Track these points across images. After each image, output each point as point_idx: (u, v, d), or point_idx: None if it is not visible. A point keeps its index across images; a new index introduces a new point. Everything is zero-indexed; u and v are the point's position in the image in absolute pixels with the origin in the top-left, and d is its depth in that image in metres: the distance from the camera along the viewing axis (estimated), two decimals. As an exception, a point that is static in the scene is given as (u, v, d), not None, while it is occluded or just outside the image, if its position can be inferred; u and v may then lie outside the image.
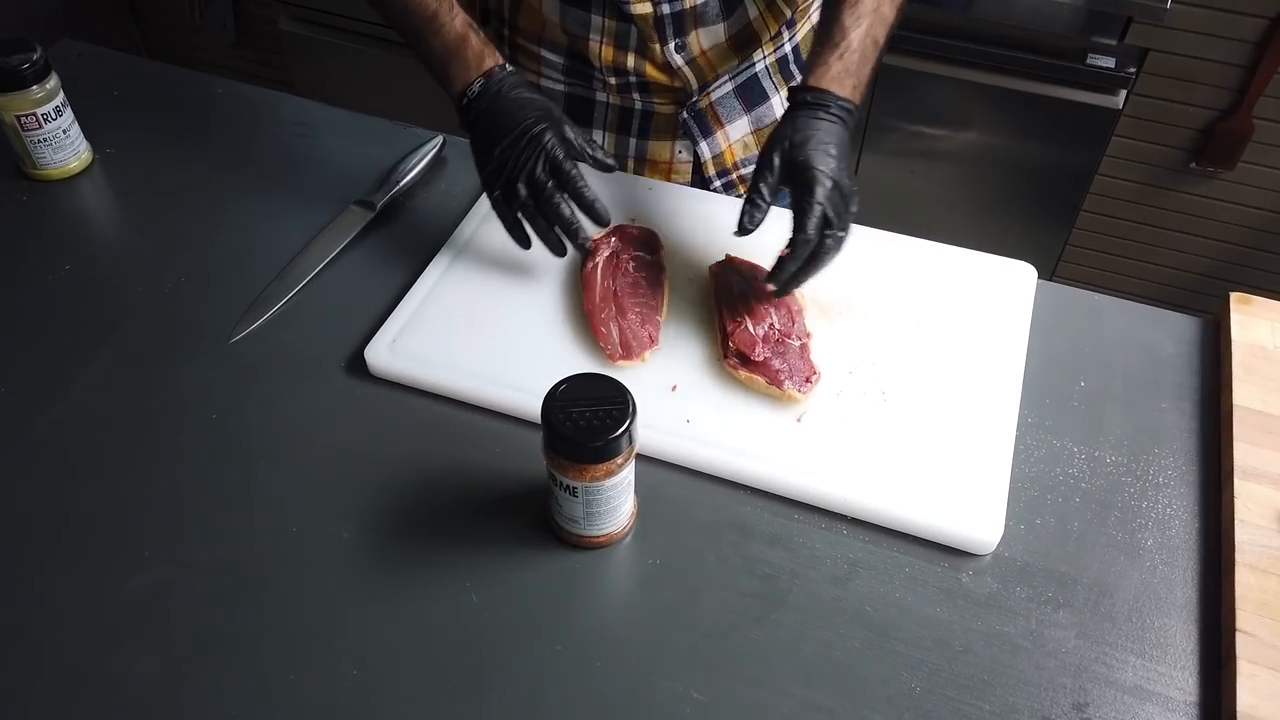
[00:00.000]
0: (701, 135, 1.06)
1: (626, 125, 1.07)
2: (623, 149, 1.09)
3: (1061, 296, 0.94)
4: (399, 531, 0.75)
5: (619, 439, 0.67)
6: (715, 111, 1.05)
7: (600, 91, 1.05)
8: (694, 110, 1.04)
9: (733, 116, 1.06)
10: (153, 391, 0.84)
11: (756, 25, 1.00)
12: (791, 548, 0.75)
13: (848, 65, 0.85)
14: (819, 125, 0.82)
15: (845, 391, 0.83)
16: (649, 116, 1.06)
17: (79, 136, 1.03)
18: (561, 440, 0.67)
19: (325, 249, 0.95)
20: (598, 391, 0.69)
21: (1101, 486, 0.79)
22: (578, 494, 0.70)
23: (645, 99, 1.04)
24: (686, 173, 1.10)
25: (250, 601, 0.71)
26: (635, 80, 1.02)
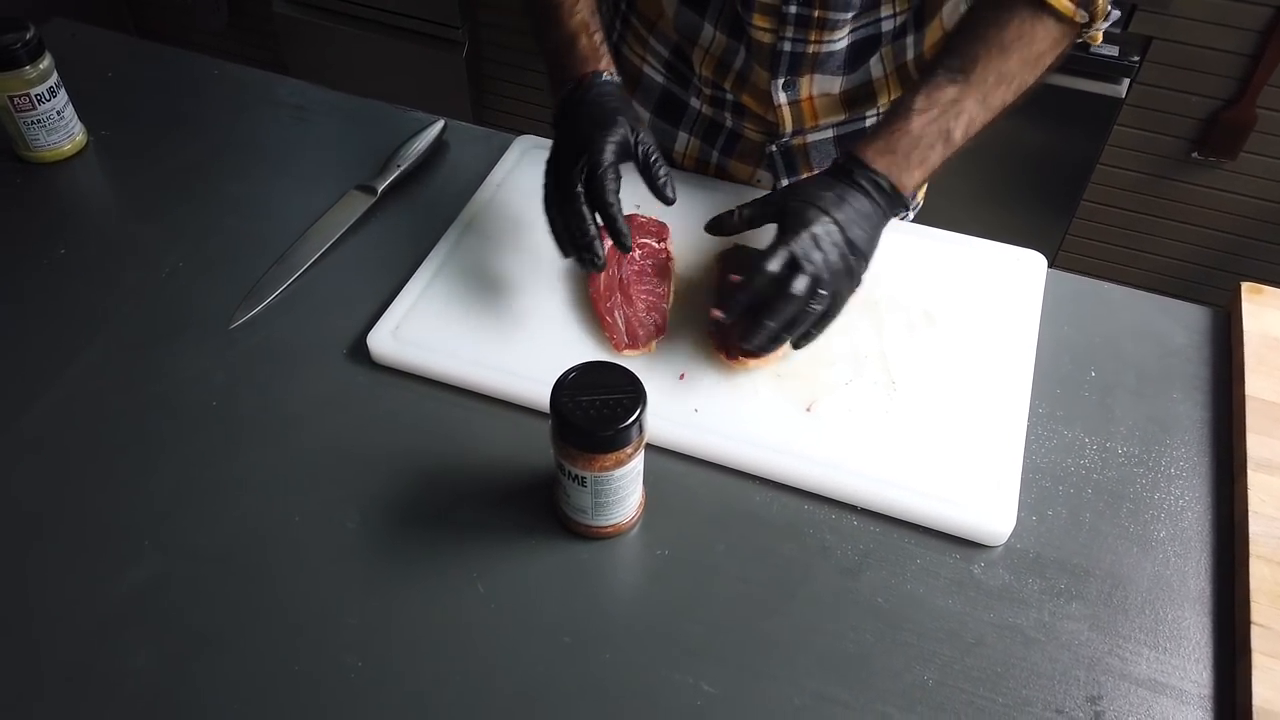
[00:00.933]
0: (786, 173, 1.02)
1: (712, 138, 1.03)
2: (704, 157, 1.05)
3: (1071, 286, 0.93)
4: (403, 521, 0.74)
5: (629, 428, 0.66)
6: (808, 155, 1.01)
7: (695, 97, 1.01)
8: (784, 146, 1.00)
9: (826, 162, 1.00)
10: (150, 378, 0.83)
11: (877, 86, 0.95)
12: (802, 539, 0.74)
13: (893, 144, 0.79)
14: (835, 186, 0.78)
15: (854, 381, 0.82)
16: (736, 138, 1.01)
17: (73, 118, 1.02)
18: (571, 429, 0.66)
19: (326, 234, 0.94)
20: (607, 380, 0.67)
21: (1113, 478, 0.78)
22: (586, 484, 0.69)
23: (736, 120, 1.00)
24: None
25: (252, 593, 0.70)
26: (731, 99, 0.98)
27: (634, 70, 1.05)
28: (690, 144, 1.05)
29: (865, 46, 0.92)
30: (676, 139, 1.05)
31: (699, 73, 0.98)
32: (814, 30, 0.89)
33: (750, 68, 0.94)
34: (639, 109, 0.82)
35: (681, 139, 1.05)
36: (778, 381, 0.82)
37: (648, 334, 0.83)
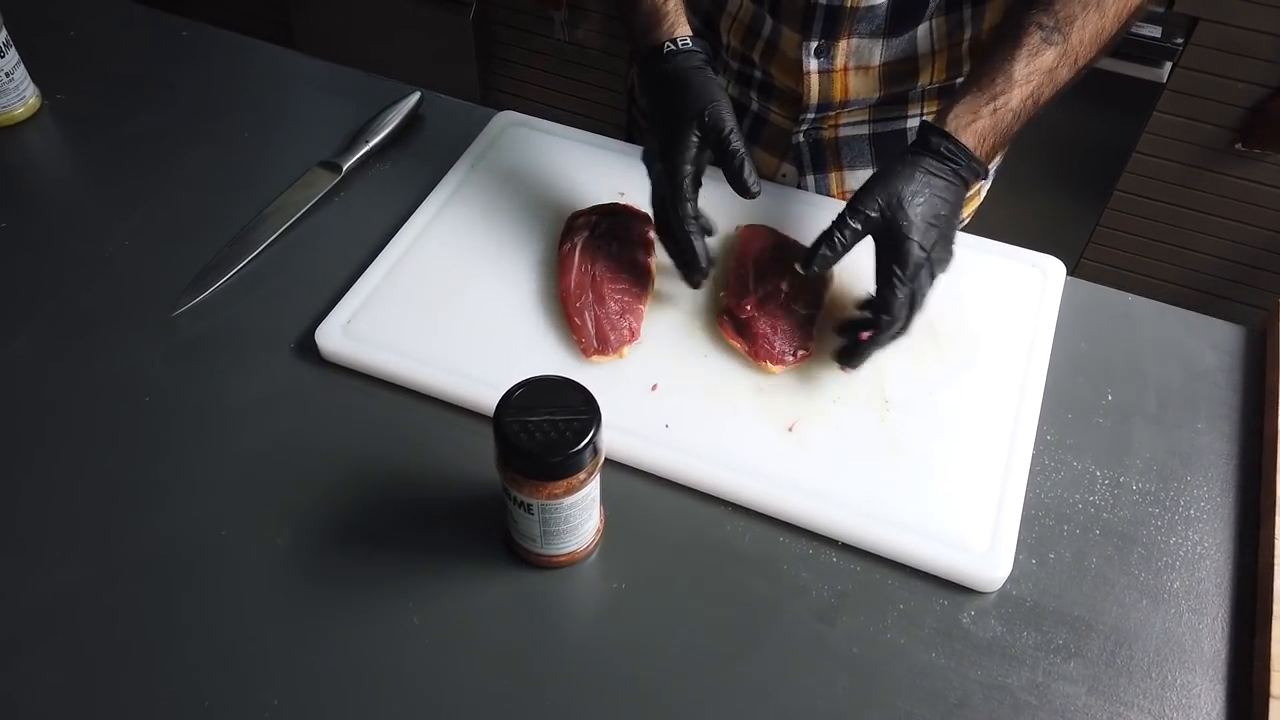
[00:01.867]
0: (811, 168, 0.93)
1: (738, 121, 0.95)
2: None
3: (1091, 296, 0.85)
4: (339, 539, 0.68)
5: (580, 454, 0.59)
6: (838, 149, 0.91)
7: (722, 74, 0.90)
8: (813, 137, 0.91)
9: (857, 164, 0.92)
10: (82, 368, 0.77)
11: (922, 61, 0.85)
12: (774, 574, 0.67)
13: (998, 123, 0.72)
14: (939, 185, 0.71)
15: (844, 399, 0.75)
16: (761, 123, 0.93)
17: (24, 79, 0.95)
18: (515, 454, 0.59)
19: (283, 215, 0.87)
20: (559, 398, 0.61)
21: (1125, 518, 0.71)
22: (533, 511, 0.62)
23: (763, 101, 0.91)
24: None
25: (169, 613, 0.64)
26: (759, 77, 0.89)
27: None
28: None
29: (909, 7, 0.82)
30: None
31: (727, 42, 0.90)
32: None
33: (779, 33, 0.85)
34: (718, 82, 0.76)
35: None
36: (759, 397, 0.74)
37: (620, 338, 0.76)
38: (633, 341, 0.77)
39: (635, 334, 0.77)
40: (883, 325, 0.71)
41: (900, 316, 0.71)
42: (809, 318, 0.77)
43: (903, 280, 0.70)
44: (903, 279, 0.70)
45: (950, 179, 0.72)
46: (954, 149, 0.71)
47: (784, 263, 0.79)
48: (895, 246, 0.70)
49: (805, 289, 0.78)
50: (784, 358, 0.75)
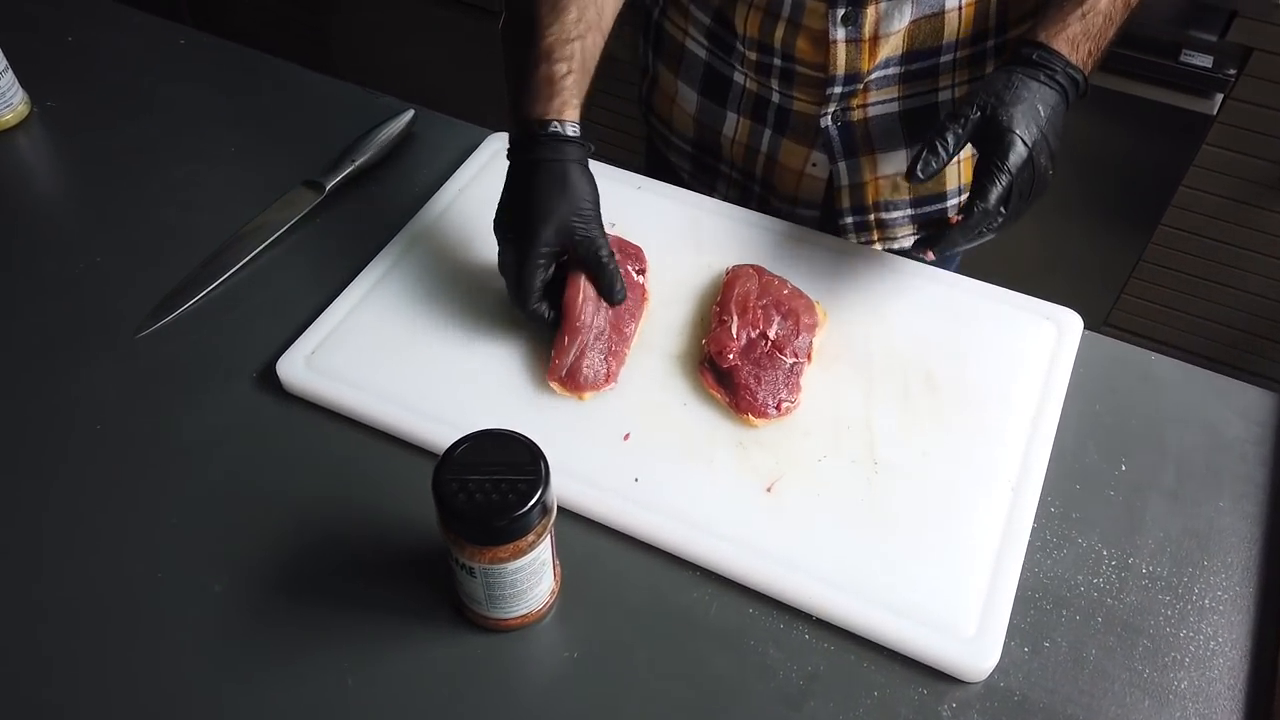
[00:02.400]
0: (843, 153, 0.88)
1: (761, 115, 0.90)
2: (755, 141, 0.92)
3: (1109, 353, 0.79)
4: (278, 587, 0.64)
5: (524, 517, 0.55)
6: (869, 131, 0.87)
7: (739, 71, 0.89)
8: (842, 121, 0.86)
9: (889, 145, 0.88)
10: (37, 392, 0.74)
11: (949, 17, 0.81)
12: (741, 651, 0.62)
13: (1089, 28, 0.73)
14: (1037, 89, 0.71)
15: (830, 457, 0.69)
16: (785, 114, 0.88)
17: (12, 85, 0.93)
18: (453, 516, 0.55)
19: (259, 236, 0.84)
20: (505, 455, 0.56)
21: (1131, 605, 0.64)
22: (476, 575, 0.58)
23: (784, 89, 0.87)
24: (816, 192, 0.92)
25: (92, 663, 0.61)
26: (779, 64, 0.85)
27: (676, 46, 0.94)
28: (740, 125, 0.92)
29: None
30: (725, 120, 0.93)
31: (743, 34, 0.85)
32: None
33: (802, 8, 0.81)
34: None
35: (730, 120, 0.93)
36: (739, 451, 0.69)
37: (595, 381, 0.72)
38: (607, 385, 0.72)
39: (611, 379, 0.72)
40: (976, 213, 0.68)
41: (995, 208, 0.68)
42: (795, 368, 0.72)
43: (1002, 169, 0.68)
44: (1002, 168, 0.68)
45: (1048, 84, 0.71)
46: (1047, 55, 0.71)
47: (771, 306, 0.74)
48: (997, 139, 0.69)
49: (791, 337, 0.73)
50: (766, 410, 0.70)
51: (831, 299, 0.78)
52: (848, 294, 0.79)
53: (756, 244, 0.83)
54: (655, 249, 0.82)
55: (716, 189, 1.00)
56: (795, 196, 0.94)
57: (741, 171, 0.96)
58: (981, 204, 0.68)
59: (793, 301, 0.75)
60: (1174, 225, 1.72)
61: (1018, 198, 0.69)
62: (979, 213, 0.68)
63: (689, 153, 1.00)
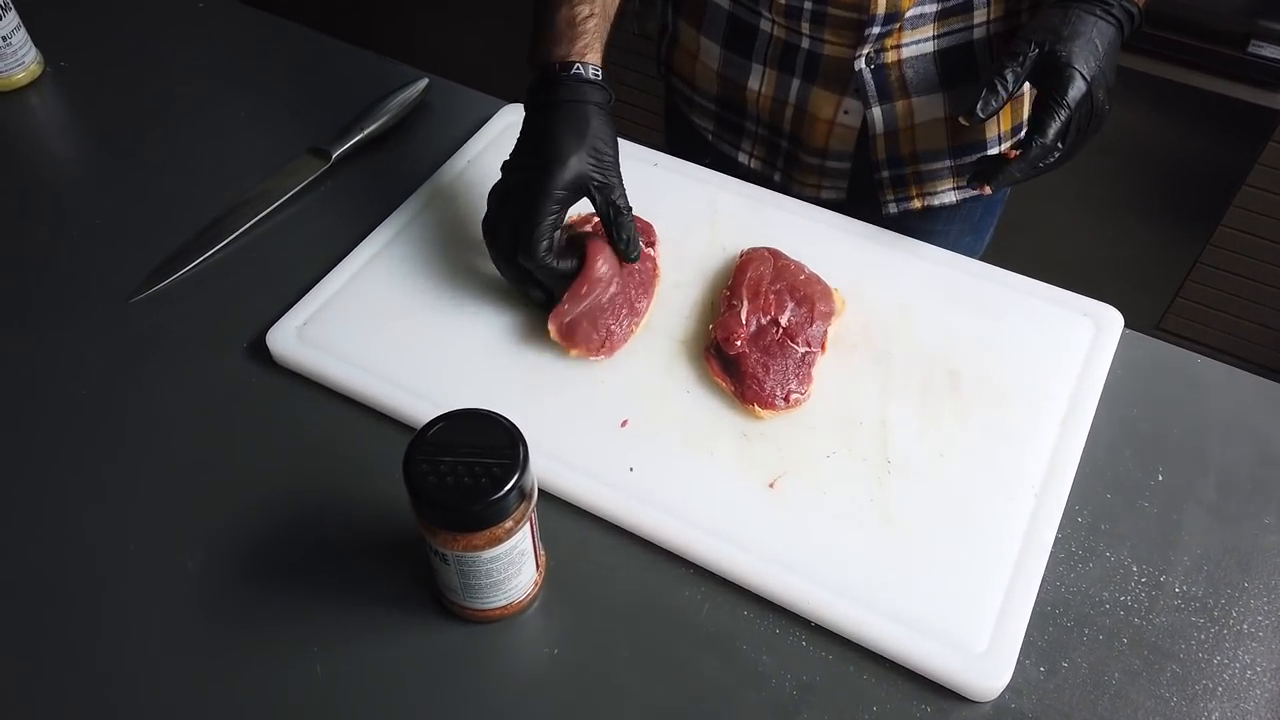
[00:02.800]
0: (878, 98, 0.84)
1: (789, 63, 0.86)
2: (782, 92, 0.88)
3: (1152, 355, 0.73)
4: (253, 566, 0.61)
5: (500, 502, 0.51)
6: (903, 73, 0.83)
7: (765, 18, 0.85)
8: (876, 63, 0.82)
9: (924, 88, 0.84)
10: (24, 356, 0.72)
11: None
12: (732, 655, 0.58)
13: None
14: (1093, 24, 0.70)
15: (839, 454, 0.65)
16: (816, 59, 0.84)
17: (25, 44, 0.92)
18: (424, 501, 0.51)
19: (260, 204, 0.81)
20: (481, 436, 0.53)
21: (1161, 626, 0.59)
22: (449, 562, 0.54)
23: (815, 33, 0.82)
24: (848, 142, 0.88)
25: (55, 636, 0.59)
26: (810, 7, 0.80)
27: (697, 5, 0.90)
28: (766, 77, 0.88)
29: None
30: (750, 72, 0.88)
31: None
32: None
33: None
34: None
35: (756, 72, 0.88)
36: (742, 443, 0.65)
37: (595, 339, 0.68)
38: (599, 355, 0.68)
39: (610, 348, 0.68)
40: (1034, 147, 0.68)
41: (1053, 143, 0.68)
42: (807, 358, 0.67)
43: (1062, 104, 0.67)
44: (1062, 103, 0.67)
45: (1104, 18, 0.70)
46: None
47: (784, 291, 0.70)
48: (1056, 75, 0.68)
49: (805, 324, 0.69)
50: (774, 401, 0.66)
51: (851, 286, 0.74)
52: (869, 281, 0.74)
53: (776, 226, 0.79)
54: (669, 228, 0.78)
55: (742, 147, 0.96)
56: (826, 149, 0.89)
57: (768, 127, 0.92)
58: (1040, 139, 0.68)
59: (808, 287, 0.71)
60: (1235, 226, 1.64)
61: (1075, 133, 0.68)
62: (1038, 148, 0.68)
63: (713, 111, 0.96)
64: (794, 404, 0.66)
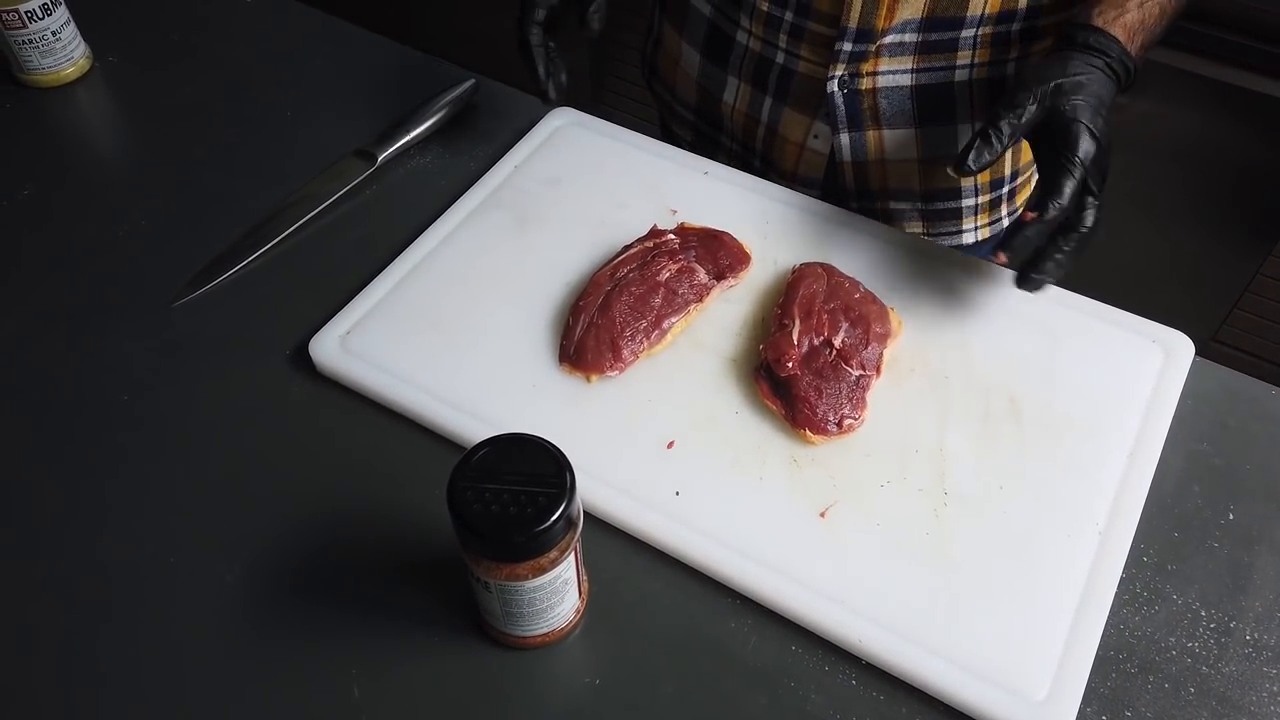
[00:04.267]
0: (847, 124, 0.82)
1: (763, 79, 0.85)
2: (755, 109, 0.87)
3: (1225, 385, 0.70)
4: (292, 582, 0.60)
5: (546, 533, 0.50)
6: (877, 102, 0.81)
7: (742, 28, 0.84)
8: (850, 88, 0.80)
9: (897, 122, 0.82)
10: (64, 358, 0.71)
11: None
12: (779, 692, 0.56)
13: (1145, 19, 0.69)
14: (1096, 76, 0.67)
15: (894, 483, 0.63)
16: (789, 76, 0.83)
17: (74, 39, 0.91)
18: (468, 530, 0.50)
19: (305, 207, 0.80)
20: (528, 463, 0.51)
21: (1230, 676, 0.56)
22: (491, 590, 0.53)
23: (791, 47, 0.81)
24: (817, 168, 0.87)
25: (88, 646, 0.58)
26: (790, 19, 0.79)
27: (680, 6, 0.89)
28: (741, 91, 0.87)
29: None
30: (726, 85, 0.88)
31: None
32: None
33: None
34: None
35: (731, 86, 0.88)
36: (792, 469, 0.63)
37: (595, 362, 0.66)
38: (614, 371, 0.67)
39: (619, 364, 0.67)
40: (1051, 208, 0.63)
41: (1070, 203, 0.63)
42: (862, 381, 0.65)
43: (1073, 161, 0.63)
44: (1074, 161, 0.63)
45: (1106, 71, 0.67)
46: (1103, 40, 0.67)
47: (839, 311, 0.68)
48: (1063, 131, 0.64)
49: (860, 346, 0.66)
50: (826, 426, 0.63)
51: (909, 306, 0.71)
52: (928, 302, 0.72)
53: (830, 240, 0.76)
54: (718, 240, 0.75)
55: (717, 160, 0.94)
56: (795, 173, 0.88)
57: (741, 144, 0.91)
58: (1056, 200, 0.63)
59: (864, 307, 0.68)
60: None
61: (1095, 186, 0.64)
62: (1055, 209, 0.63)
63: (690, 121, 0.95)
64: (847, 430, 0.64)
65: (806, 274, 0.70)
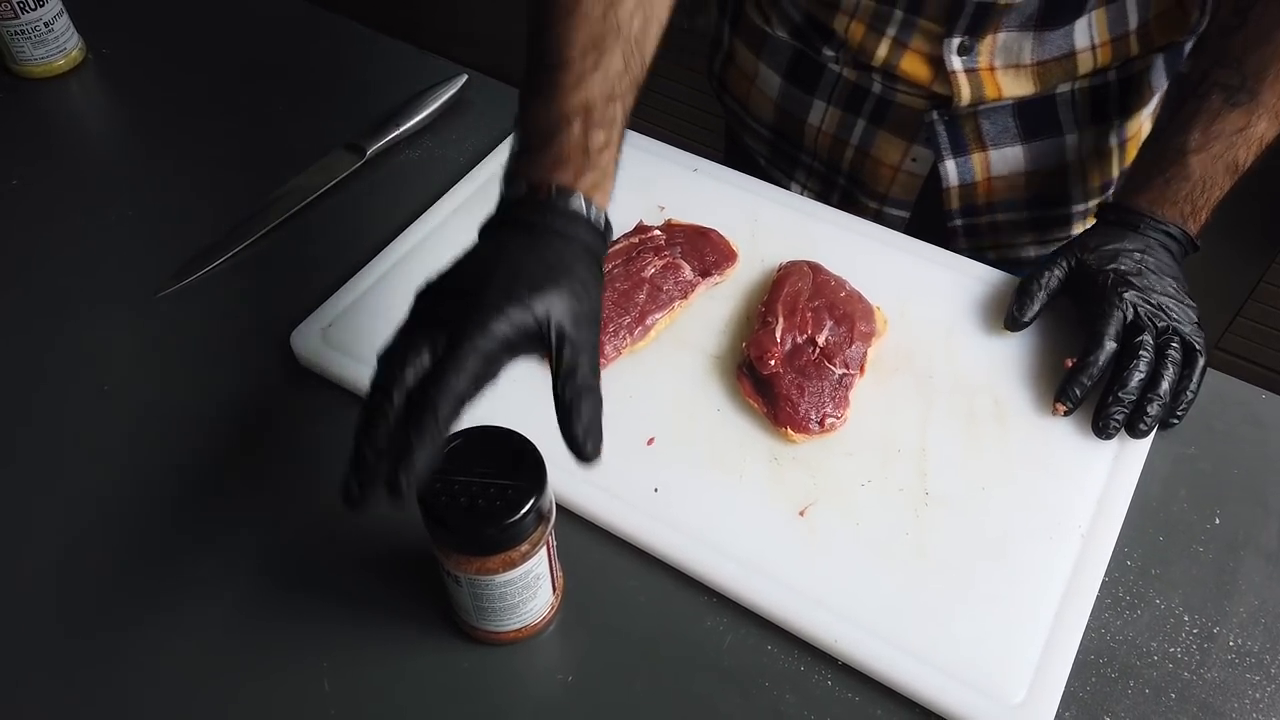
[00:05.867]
0: (950, 150, 0.80)
1: (856, 105, 0.82)
2: (845, 132, 0.84)
3: (1212, 389, 0.68)
4: (266, 575, 0.60)
5: (516, 525, 0.49)
6: (979, 125, 0.79)
7: (833, 61, 0.81)
8: (949, 117, 0.78)
9: (1003, 140, 0.80)
10: (49, 347, 0.71)
11: (1081, 58, 0.75)
12: (754, 692, 0.55)
13: (1172, 193, 0.68)
14: (1125, 237, 0.67)
15: (874, 482, 0.62)
16: (885, 105, 0.80)
17: (67, 30, 0.91)
18: (436, 523, 0.49)
19: (292, 199, 0.80)
20: (499, 455, 0.51)
21: (1212, 682, 0.56)
22: (462, 584, 0.52)
23: (887, 84, 0.79)
24: (911, 190, 0.84)
25: (61, 634, 0.58)
26: (882, 64, 0.78)
27: (757, 32, 0.86)
28: (829, 114, 0.84)
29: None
30: (811, 108, 0.85)
31: (844, 38, 0.78)
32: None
33: (912, 27, 0.75)
34: None
35: (818, 108, 0.84)
36: (772, 467, 0.63)
37: None
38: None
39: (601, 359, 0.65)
40: (1089, 359, 0.63)
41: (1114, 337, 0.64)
42: (845, 380, 0.64)
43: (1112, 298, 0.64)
44: (1110, 296, 0.64)
45: (1134, 235, 0.67)
46: (1126, 215, 0.68)
47: (823, 309, 0.67)
48: (1095, 277, 0.66)
49: (844, 345, 0.66)
50: (808, 425, 0.63)
51: (896, 306, 0.71)
52: (915, 302, 0.71)
53: (818, 238, 0.76)
54: (706, 237, 0.75)
55: (795, 177, 0.92)
56: (886, 194, 0.85)
57: (825, 163, 0.88)
58: (1093, 344, 0.63)
59: (849, 305, 0.68)
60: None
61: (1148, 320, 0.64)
62: (1090, 355, 0.63)
63: (767, 138, 0.92)
64: (829, 428, 0.63)
65: (792, 271, 0.70)
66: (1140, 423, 0.62)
